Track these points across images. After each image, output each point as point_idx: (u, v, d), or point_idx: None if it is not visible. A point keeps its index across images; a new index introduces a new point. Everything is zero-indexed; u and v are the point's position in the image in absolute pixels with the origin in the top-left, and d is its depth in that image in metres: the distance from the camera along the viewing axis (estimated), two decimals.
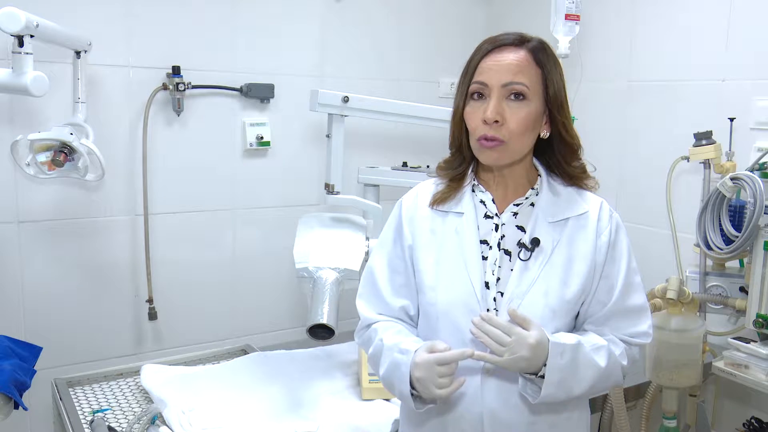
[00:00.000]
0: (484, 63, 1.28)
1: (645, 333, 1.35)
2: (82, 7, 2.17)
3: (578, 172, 1.36)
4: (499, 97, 1.26)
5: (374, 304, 1.40)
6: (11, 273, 2.19)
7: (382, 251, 1.42)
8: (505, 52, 1.28)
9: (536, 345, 1.19)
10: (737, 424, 2.06)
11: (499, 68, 1.26)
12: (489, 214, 1.34)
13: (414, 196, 1.42)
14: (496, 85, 1.26)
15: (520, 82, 1.25)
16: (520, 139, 1.28)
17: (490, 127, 1.25)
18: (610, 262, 1.32)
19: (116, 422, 1.81)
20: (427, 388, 1.22)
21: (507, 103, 1.26)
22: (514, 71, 1.26)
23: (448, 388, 1.21)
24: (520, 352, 1.19)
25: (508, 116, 1.25)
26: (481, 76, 1.28)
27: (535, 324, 1.21)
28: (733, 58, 2.14)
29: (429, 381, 1.21)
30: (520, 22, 2.79)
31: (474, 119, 1.28)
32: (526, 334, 1.20)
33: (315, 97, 2.08)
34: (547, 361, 1.20)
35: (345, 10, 2.67)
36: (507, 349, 1.19)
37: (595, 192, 1.38)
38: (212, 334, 2.56)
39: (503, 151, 1.28)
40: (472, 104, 1.29)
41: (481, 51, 1.30)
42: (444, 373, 1.21)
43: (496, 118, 1.24)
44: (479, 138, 1.27)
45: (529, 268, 1.29)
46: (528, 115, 1.26)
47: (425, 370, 1.22)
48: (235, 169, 2.54)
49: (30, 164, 1.96)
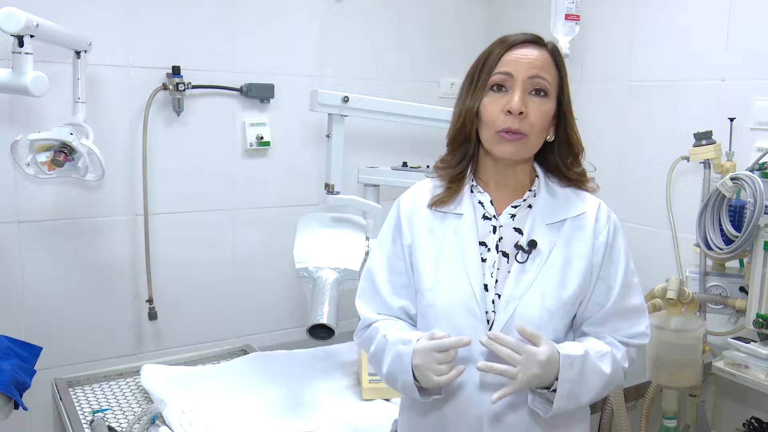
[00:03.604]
0: (509, 56, 1.28)
1: (643, 334, 1.35)
2: (82, 7, 2.17)
3: (578, 176, 1.36)
4: (524, 89, 1.26)
5: (374, 304, 1.39)
6: (11, 273, 2.19)
7: (381, 251, 1.41)
8: (528, 48, 1.28)
9: (547, 362, 1.18)
10: (737, 424, 2.06)
11: (526, 61, 1.26)
12: (487, 216, 1.34)
13: (412, 195, 1.41)
14: (523, 77, 1.25)
15: (545, 77, 1.26)
16: (538, 136, 1.28)
17: (514, 119, 1.24)
18: (607, 264, 1.32)
19: (116, 422, 1.81)
20: (425, 375, 1.21)
21: (529, 97, 1.26)
22: (540, 66, 1.26)
23: (446, 375, 1.20)
24: (532, 369, 1.17)
25: (531, 110, 1.25)
26: (506, 67, 1.27)
27: (545, 339, 1.20)
28: (733, 58, 2.14)
29: (427, 368, 1.21)
30: (520, 22, 2.79)
31: (492, 111, 1.27)
32: (535, 350, 1.18)
33: (315, 97, 2.08)
34: (559, 374, 1.19)
35: (345, 10, 2.67)
36: (519, 369, 1.18)
37: (596, 193, 1.39)
38: (212, 334, 2.56)
39: (522, 146, 1.27)
40: (492, 96, 1.28)
41: (504, 44, 1.29)
42: (442, 360, 1.20)
43: (522, 109, 1.24)
44: (501, 130, 1.26)
45: (526, 270, 1.28)
46: (548, 111, 1.27)
47: (423, 356, 1.21)
48: (235, 169, 2.54)
49: (30, 164, 1.96)
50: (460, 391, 1.28)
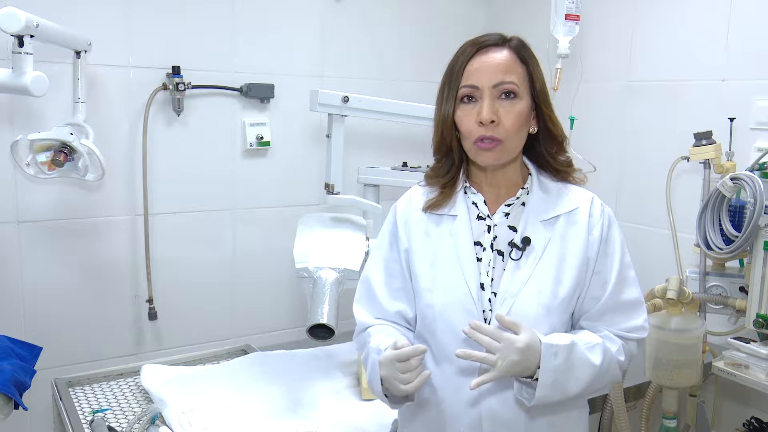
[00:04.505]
0: (471, 66, 1.29)
1: (641, 327, 1.35)
2: (82, 7, 2.17)
3: (565, 165, 1.37)
4: (491, 97, 1.27)
5: (371, 308, 1.41)
6: (11, 273, 2.19)
7: (378, 255, 1.43)
8: (490, 53, 1.29)
9: (525, 348, 1.19)
10: (737, 424, 2.06)
11: (488, 69, 1.27)
12: (481, 216, 1.35)
13: (407, 199, 1.43)
14: (487, 86, 1.27)
15: (510, 80, 1.27)
16: (516, 137, 1.29)
17: (486, 128, 1.26)
18: (602, 257, 1.32)
19: (116, 422, 1.81)
20: (392, 384, 1.24)
21: (499, 102, 1.27)
22: (503, 70, 1.27)
23: (410, 384, 1.22)
24: (510, 356, 1.19)
25: (502, 115, 1.26)
26: (470, 80, 1.28)
27: (525, 327, 1.22)
28: (733, 58, 2.14)
29: (391, 377, 1.23)
30: (520, 22, 2.79)
31: (467, 123, 1.29)
32: (514, 338, 1.20)
33: (315, 97, 2.08)
34: (541, 363, 1.20)
35: (345, 10, 2.67)
36: (498, 356, 1.19)
37: (584, 185, 1.39)
38: (212, 334, 2.56)
39: (501, 151, 1.29)
40: (463, 108, 1.30)
41: (465, 54, 1.31)
42: (403, 368, 1.22)
43: (492, 118, 1.25)
44: (476, 140, 1.28)
45: (521, 267, 1.29)
46: (521, 112, 1.28)
47: (386, 367, 1.24)
48: (235, 169, 2.54)
49: (30, 164, 1.96)
50: (458, 389, 1.28)
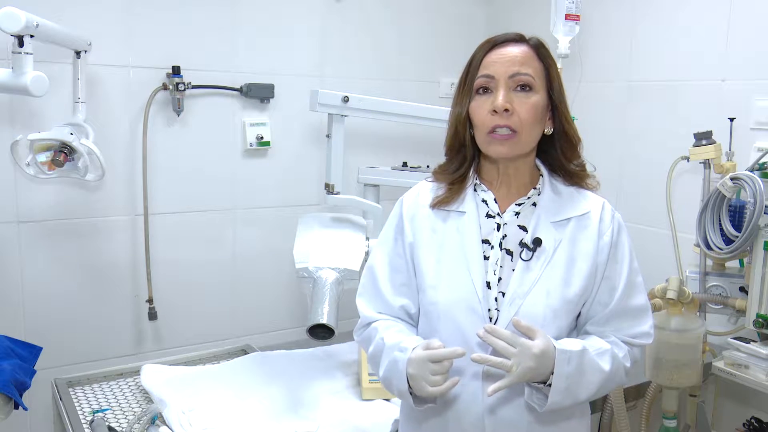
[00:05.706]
0: (489, 58, 1.30)
1: (647, 333, 1.35)
2: (82, 7, 2.17)
3: (579, 170, 1.37)
4: (507, 88, 1.27)
5: (374, 302, 1.39)
6: (11, 273, 2.19)
7: (383, 249, 1.41)
8: (508, 46, 1.30)
9: (541, 354, 1.18)
10: (737, 424, 2.06)
11: (505, 60, 1.28)
12: (491, 214, 1.34)
13: (415, 194, 1.42)
14: (503, 77, 1.27)
15: (526, 72, 1.27)
16: (530, 130, 1.29)
17: (501, 116, 1.26)
18: (612, 263, 1.32)
19: (116, 422, 1.81)
20: (420, 385, 1.22)
21: (514, 93, 1.27)
22: (520, 62, 1.27)
23: (440, 387, 1.21)
24: (526, 362, 1.18)
25: (516, 106, 1.26)
26: (486, 70, 1.29)
27: (541, 332, 1.21)
28: (733, 58, 2.14)
29: (421, 378, 1.21)
30: (520, 22, 2.79)
31: (481, 113, 1.29)
32: (530, 344, 1.19)
33: (315, 97, 2.08)
34: (554, 369, 1.20)
35: (345, 10, 2.67)
36: (513, 362, 1.18)
37: (596, 192, 1.39)
38: (212, 334, 2.56)
39: (514, 144, 1.28)
40: (478, 99, 1.30)
41: (482, 49, 1.31)
42: (436, 371, 1.21)
43: (506, 107, 1.25)
44: (490, 130, 1.28)
45: (530, 268, 1.28)
46: (536, 104, 1.28)
47: (418, 366, 1.22)
48: (235, 169, 2.54)
49: (30, 164, 1.96)
50: (461, 390, 1.27)
